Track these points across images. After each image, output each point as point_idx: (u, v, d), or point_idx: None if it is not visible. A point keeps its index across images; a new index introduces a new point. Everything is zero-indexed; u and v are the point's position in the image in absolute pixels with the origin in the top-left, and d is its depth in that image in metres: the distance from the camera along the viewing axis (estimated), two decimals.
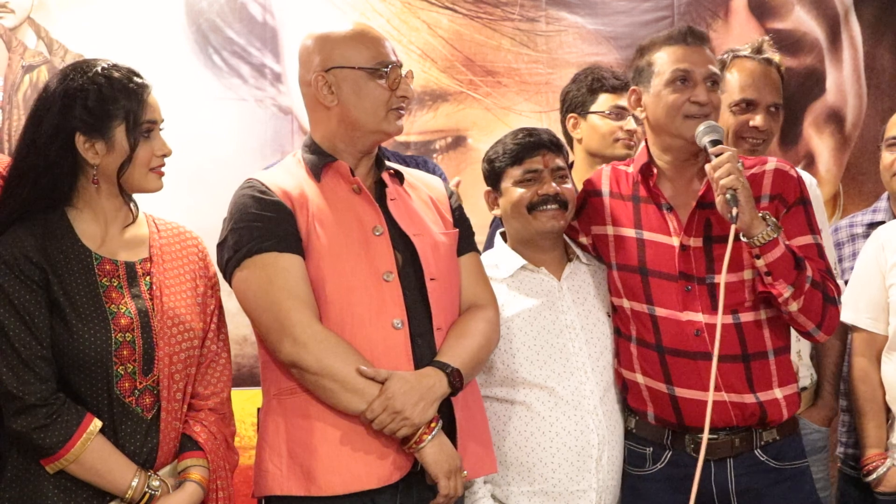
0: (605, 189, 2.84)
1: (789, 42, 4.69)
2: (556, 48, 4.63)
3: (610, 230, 2.80)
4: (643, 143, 2.81)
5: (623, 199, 2.80)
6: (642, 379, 2.71)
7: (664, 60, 2.69)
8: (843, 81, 4.80)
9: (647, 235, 2.73)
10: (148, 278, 2.40)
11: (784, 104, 3.29)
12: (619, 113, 3.40)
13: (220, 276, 2.54)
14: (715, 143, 2.57)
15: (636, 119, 3.39)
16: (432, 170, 3.46)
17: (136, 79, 2.39)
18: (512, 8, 4.60)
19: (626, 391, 2.77)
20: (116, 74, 2.37)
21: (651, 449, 2.73)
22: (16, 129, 4.14)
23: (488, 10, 4.59)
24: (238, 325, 3.71)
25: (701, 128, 2.60)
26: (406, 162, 3.42)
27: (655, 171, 2.74)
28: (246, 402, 3.89)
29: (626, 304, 2.75)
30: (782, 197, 2.65)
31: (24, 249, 2.28)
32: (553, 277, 2.77)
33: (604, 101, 3.43)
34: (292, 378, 2.40)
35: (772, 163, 2.71)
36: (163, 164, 2.41)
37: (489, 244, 3.04)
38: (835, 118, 4.75)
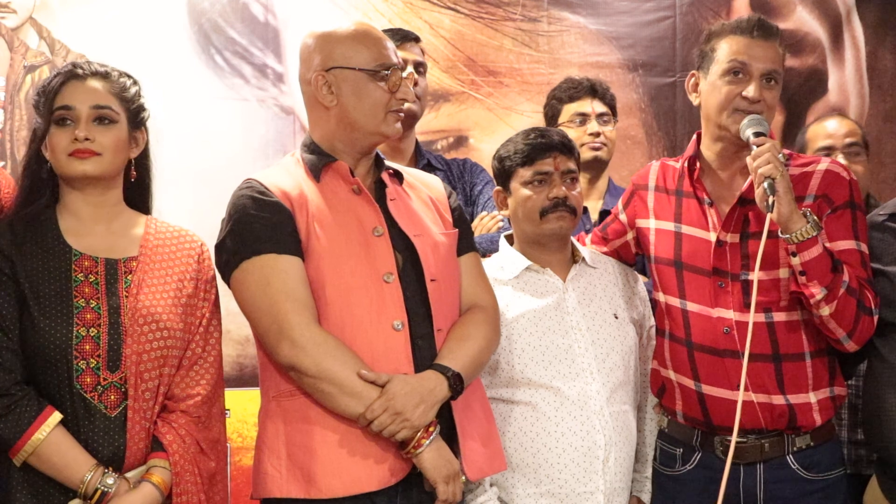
0: (651, 183, 2.84)
1: (791, 42, 4.67)
2: (557, 48, 4.63)
3: (652, 223, 2.80)
4: (694, 137, 2.78)
5: (667, 193, 2.79)
6: (674, 375, 2.71)
7: (724, 49, 2.64)
8: (846, 81, 4.80)
9: (685, 229, 2.72)
10: (129, 276, 2.40)
11: (787, 104, 3.29)
12: (580, 119, 3.55)
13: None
14: (758, 135, 2.52)
15: (601, 121, 3.47)
16: (470, 169, 3.48)
17: (65, 68, 2.43)
18: (514, 8, 4.60)
19: (662, 392, 2.77)
20: (61, 70, 2.43)
21: (681, 450, 2.73)
22: (17, 130, 4.15)
23: (490, 11, 4.59)
24: (241, 325, 3.71)
25: (745, 121, 2.56)
26: (449, 165, 3.45)
27: (699, 165, 2.73)
28: (248, 403, 3.89)
29: (661, 297, 2.76)
30: (827, 197, 2.60)
31: None
32: (558, 278, 2.77)
33: (566, 112, 3.58)
34: (291, 380, 2.40)
35: (824, 163, 2.66)
36: (80, 150, 2.38)
37: None
38: None
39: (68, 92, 2.40)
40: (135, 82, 2.51)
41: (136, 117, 2.48)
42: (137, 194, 2.54)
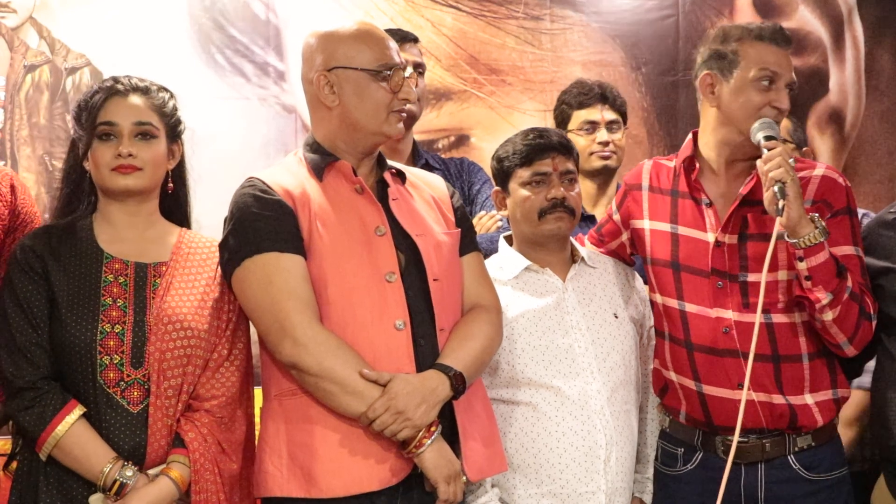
0: (644, 183, 2.83)
1: (793, 41, 4.67)
2: (560, 46, 4.62)
3: (647, 224, 2.79)
4: (688, 138, 2.77)
5: (661, 193, 2.78)
6: (675, 376, 2.71)
7: (753, 56, 2.61)
8: (846, 81, 4.80)
9: (681, 230, 2.71)
10: (158, 280, 2.46)
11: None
12: (590, 127, 3.54)
13: None
14: (769, 138, 2.52)
15: (610, 129, 3.46)
16: (468, 168, 3.48)
17: (106, 84, 2.50)
18: (516, 6, 4.60)
19: (664, 392, 2.77)
20: (102, 86, 2.49)
21: (682, 450, 2.73)
22: (17, 129, 4.14)
23: (492, 9, 4.59)
24: None
25: (756, 124, 2.56)
26: (446, 164, 3.45)
27: (698, 165, 2.71)
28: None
29: (658, 299, 2.75)
30: (827, 202, 2.59)
31: (33, 244, 2.42)
32: (558, 278, 2.77)
33: (575, 118, 3.56)
34: (292, 379, 2.39)
35: (820, 169, 2.66)
36: (123, 165, 2.44)
37: None
38: (836, 118, 4.74)
39: (111, 108, 2.46)
40: (172, 95, 2.58)
41: (174, 131, 2.56)
42: (173, 205, 2.60)
